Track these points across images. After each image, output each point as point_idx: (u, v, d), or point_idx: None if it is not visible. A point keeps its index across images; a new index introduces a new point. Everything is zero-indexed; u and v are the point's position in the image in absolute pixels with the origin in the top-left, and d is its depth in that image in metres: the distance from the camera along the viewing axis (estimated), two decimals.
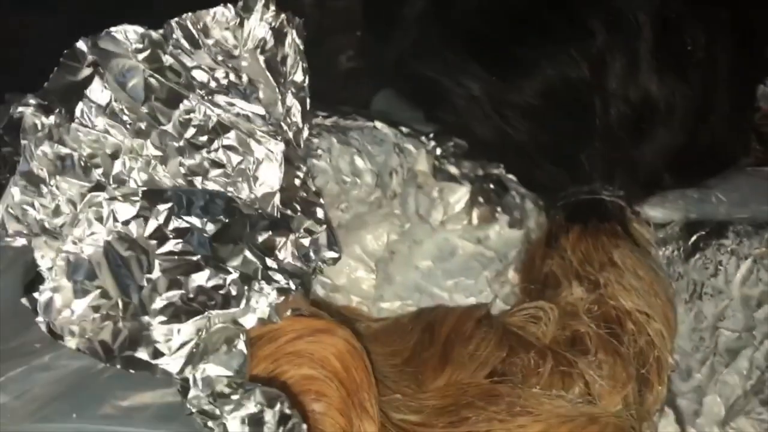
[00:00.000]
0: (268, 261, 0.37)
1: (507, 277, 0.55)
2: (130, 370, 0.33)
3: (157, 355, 0.33)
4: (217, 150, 0.40)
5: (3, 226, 0.36)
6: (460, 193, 0.55)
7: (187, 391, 0.33)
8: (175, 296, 0.34)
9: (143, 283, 0.35)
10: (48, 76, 0.40)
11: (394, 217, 0.53)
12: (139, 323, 0.34)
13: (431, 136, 0.59)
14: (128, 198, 0.37)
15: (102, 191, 0.37)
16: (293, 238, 0.40)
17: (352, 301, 0.53)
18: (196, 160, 0.40)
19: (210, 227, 0.37)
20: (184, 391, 0.33)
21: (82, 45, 0.39)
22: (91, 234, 0.36)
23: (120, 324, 0.34)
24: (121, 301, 0.34)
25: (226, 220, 0.37)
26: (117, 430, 0.38)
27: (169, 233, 0.36)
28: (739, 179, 0.57)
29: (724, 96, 0.57)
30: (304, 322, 0.39)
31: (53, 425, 0.38)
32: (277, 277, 0.36)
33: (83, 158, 0.38)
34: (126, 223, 0.37)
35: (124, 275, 0.35)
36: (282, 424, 0.32)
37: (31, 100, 0.39)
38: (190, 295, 0.34)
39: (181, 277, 0.35)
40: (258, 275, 0.36)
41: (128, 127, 0.39)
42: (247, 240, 0.37)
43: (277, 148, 0.40)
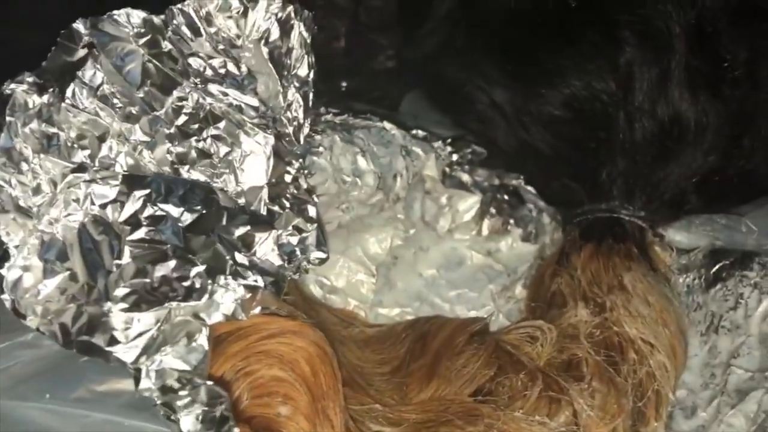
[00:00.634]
0: (239, 256, 0.36)
1: (514, 292, 0.53)
2: (84, 356, 0.33)
3: (112, 342, 0.33)
4: (206, 139, 0.39)
5: None
6: (471, 202, 0.53)
7: (139, 382, 0.32)
8: (139, 284, 0.34)
9: (112, 268, 0.34)
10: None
11: (398, 221, 0.51)
12: (100, 309, 0.33)
13: (449, 141, 0.57)
14: (107, 181, 0.36)
15: (83, 173, 0.37)
16: (276, 234, 0.39)
17: (349, 304, 0.52)
18: (184, 148, 0.39)
19: (186, 217, 0.36)
20: (136, 382, 0.32)
21: (79, 25, 0.39)
22: (68, 215, 0.36)
23: (83, 308, 0.34)
24: (87, 285, 0.34)
25: (202, 211, 0.36)
26: (88, 414, 0.38)
27: (143, 220, 0.36)
28: None
29: (763, 118, 0.53)
30: (276, 321, 0.37)
31: (25, 404, 0.38)
32: (246, 274, 0.35)
33: (71, 139, 0.38)
34: (103, 206, 0.36)
35: (95, 259, 0.35)
36: (220, 426, 0.30)
37: (28, 78, 0.39)
38: (154, 285, 0.34)
39: (148, 266, 0.34)
40: (226, 270, 0.35)
41: (118, 110, 0.39)
42: (221, 232, 0.36)
43: (267, 141, 0.40)
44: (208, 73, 0.41)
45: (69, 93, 0.38)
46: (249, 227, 0.37)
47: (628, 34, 0.51)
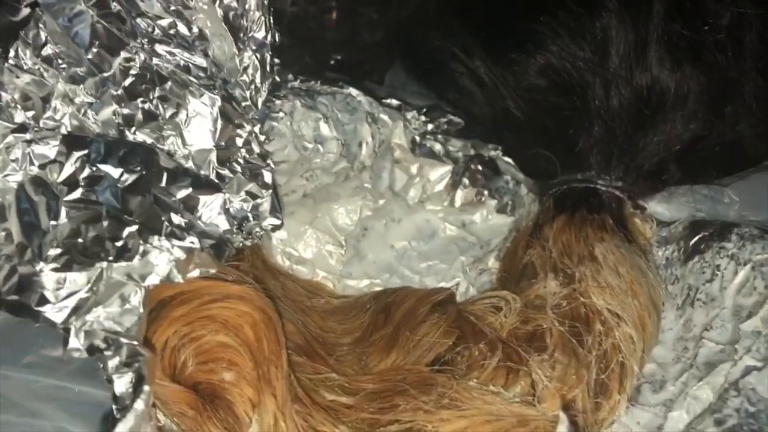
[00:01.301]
0: (175, 217, 0.35)
1: (486, 264, 0.52)
2: (14, 316, 0.32)
3: (42, 302, 0.32)
4: (152, 100, 0.39)
5: None
6: (442, 172, 0.52)
7: (67, 342, 0.31)
8: (71, 244, 0.33)
9: (48, 229, 0.34)
10: None
11: (366, 191, 0.50)
12: (32, 269, 0.32)
13: (424, 110, 0.56)
14: (47, 141, 0.36)
15: (24, 133, 0.36)
16: (223, 198, 0.38)
17: (317, 275, 0.51)
18: (130, 110, 0.39)
19: (125, 177, 0.35)
20: (65, 342, 0.31)
21: None
22: (6, 176, 0.35)
23: (16, 268, 0.33)
24: (20, 245, 0.33)
25: (142, 172, 0.35)
26: (36, 379, 0.37)
27: (81, 180, 0.35)
28: (758, 180, 0.51)
29: (748, 86, 0.51)
30: (221, 286, 0.37)
31: None
32: (183, 235, 0.35)
33: (15, 99, 0.37)
34: (42, 167, 0.35)
35: (31, 220, 0.34)
36: (138, 385, 0.30)
37: None
38: (86, 245, 0.33)
39: (82, 226, 0.33)
40: (161, 230, 0.34)
41: (63, 71, 0.38)
42: (159, 193, 0.35)
43: (213, 102, 0.39)
44: (157, 33, 0.40)
45: (12, 53, 0.37)
46: (191, 189, 0.36)
47: None
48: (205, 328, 0.37)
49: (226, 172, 0.40)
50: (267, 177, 0.41)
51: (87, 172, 0.35)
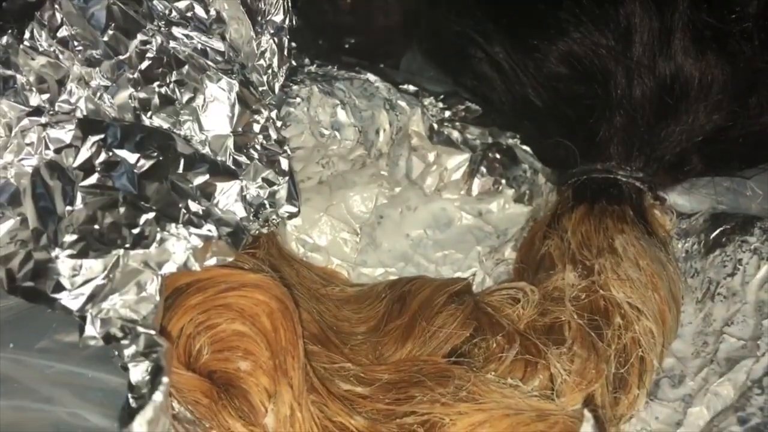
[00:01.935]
0: (193, 204, 0.34)
1: (503, 254, 0.51)
2: (30, 303, 0.32)
3: (58, 289, 0.31)
4: (169, 84, 0.38)
5: None
6: (460, 160, 0.51)
7: (83, 330, 0.31)
8: (87, 231, 0.32)
9: (63, 214, 0.33)
10: None
11: (382, 178, 0.49)
12: (48, 255, 0.32)
13: (441, 97, 0.55)
14: (63, 125, 0.35)
15: (39, 116, 0.36)
16: (240, 185, 0.37)
17: (332, 263, 0.51)
18: (147, 94, 0.38)
19: (142, 163, 0.35)
20: (81, 330, 0.31)
21: None
22: (21, 159, 0.35)
23: (31, 254, 0.32)
24: (36, 230, 0.33)
25: (159, 158, 0.35)
26: (49, 365, 0.37)
27: (97, 165, 0.34)
28: None
29: None
30: (237, 274, 0.36)
31: None
32: (200, 223, 0.34)
33: (30, 82, 0.37)
34: (57, 151, 0.35)
35: (47, 205, 0.34)
36: (155, 376, 0.29)
37: None
38: (103, 231, 0.32)
39: (98, 212, 0.33)
40: (178, 218, 0.34)
41: (79, 53, 0.37)
42: (176, 180, 0.35)
43: (231, 87, 0.38)
44: (174, 15, 0.39)
45: (27, 35, 0.37)
46: (208, 176, 0.36)
47: None
48: (221, 317, 0.36)
49: (243, 159, 0.39)
50: (284, 164, 0.41)
51: (103, 157, 0.34)
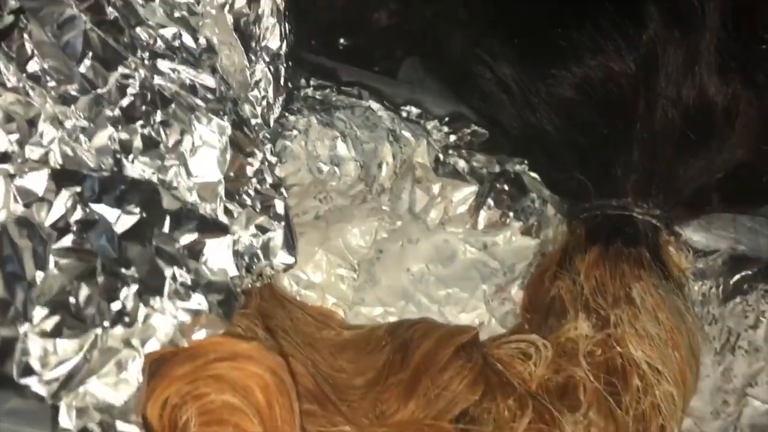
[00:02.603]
0: (180, 273, 0.31)
1: (509, 293, 0.48)
2: None
3: (27, 372, 0.28)
4: (154, 125, 0.34)
5: None
6: (466, 192, 0.48)
7: (57, 424, 0.27)
8: (61, 303, 0.29)
9: (34, 281, 0.29)
10: None
11: (383, 213, 0.46)
12: (16, 331, 0.28)
13: (446, 120, 0.51)
14: (35, 174, 0.31)
15: (7, 163, 0.31)
16: (232, 239, 0.34)
17: (327, 301, 0.47)
18: (128, 134, 0.34)
19: (123, 221, 0.31)
20: (53, 422, 0.27)
21: None
22: None
23: None
24: (2, 301, 0.29)
25: (142, 214, 0.31)
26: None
27: (72, 224, 0.30)
28: None
29: None
30: (228, 343, 0.33)
31: None
32: (188, 295, 0.30)
33: None
34: (27, 205, 0.31)
35: (14, 270, 0.30)
36: None
37: None
38: (80, 305, 0.29)
39: (75, 282, 0.29)
40: (163, 290, 0.30)
41: (52, 89, 0.33)
42: (161, 243, 0.31)
43: (223, 130, 0.34)
44: (159, 45, 0.35)
45: None
46: (197, 234, 0.32)
47: (653, 8, 0.44)
48: (210, 387, 0.33)
49: (235, 207, 0.35)
50: (279, 207, 0.37)
51: (79, 214, 0.31)
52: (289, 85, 0.43)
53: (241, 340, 0.33)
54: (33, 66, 0.33)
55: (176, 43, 0.35)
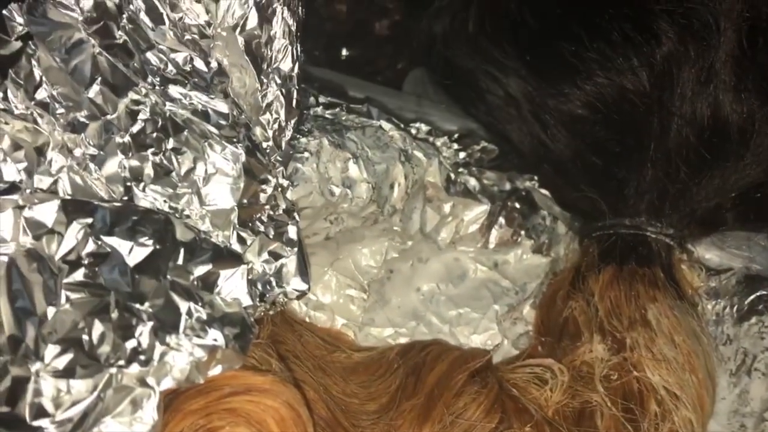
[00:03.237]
0: (196, 308, 0.30)
1: (521, 313, 0.47)
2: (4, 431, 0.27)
3: (40, 414, 0.27)
4: (165, 152, 0.33)
5: None
6: (478, 212, 0.47)
7: None
8: (75, 342, 0.28)
9: (45, 317, 0.29)
10: None
11: (394, 233, 0.45)
12: (27, 370, 0.28)
13: (455, 137, 0.51)
14: (44, 206, 0.30)
15: (15, 194, 0.31)
16: (245, 269, 0.33)
17: (336, 322, 0.46)
18: (139, 162, 0.33)
19: (135, 253, 0.30)
20: None
21: (12, 13, 0.32)
22: None
23: (7, 368, 0.28)
24: (13, 338, 0.28)
25: (155, 246, 0.30)
26: None
27: (84, 257, 0.30)
28: None
29: None
30: (243, 377, 0.32)
31: None
32: (204, 331, 0.30)
33: (3, 150, 0.32)
34: (37, 237, 0.30)
35: (24, 305, 0.29)
36: None
37: None
38: (93, 343, 0.28)
39: (88, 319, 0.28)
40: (179, 327, 0.29)
41: (60, 116, 0.32)
42: (175, 276, 0.30)
43: (237, 157, 0.33)
44: (170, 70, 0.34)
45: (0, 95, 0.32)
46: (211, 265, 0.31)
47: (667, 26, 0.44)
48: (225, 420, 0.32)
49: (248, 234, 0.34)
50: (292, 232, 0.37)
51: (91, 246, 0.30)
52: (301, 107, 0.42)
53: (256, 372, 0.32)
54: (41, 93, 0.32)
55: (188, 68, 0.34)
